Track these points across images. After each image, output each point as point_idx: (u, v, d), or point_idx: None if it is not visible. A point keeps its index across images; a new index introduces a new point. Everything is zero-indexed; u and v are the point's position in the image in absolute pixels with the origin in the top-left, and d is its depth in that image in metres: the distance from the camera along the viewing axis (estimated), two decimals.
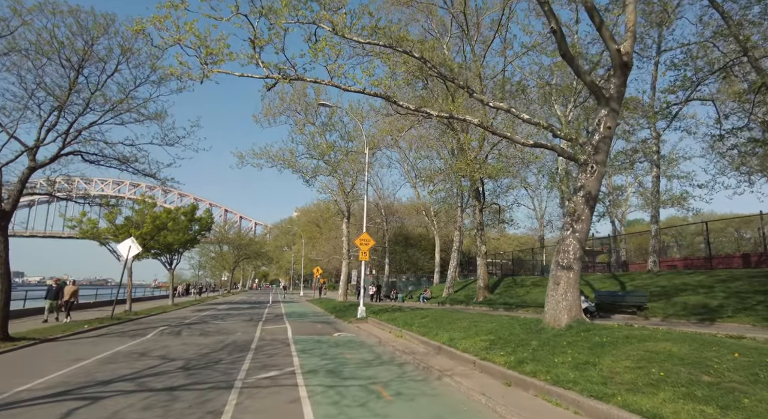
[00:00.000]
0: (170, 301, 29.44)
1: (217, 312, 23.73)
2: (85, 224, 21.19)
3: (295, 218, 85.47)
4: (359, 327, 16.30)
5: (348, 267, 31.33)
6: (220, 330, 14.76)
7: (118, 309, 20.55)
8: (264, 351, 10.31)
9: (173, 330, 14.46)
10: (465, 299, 26.93)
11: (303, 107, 31.43)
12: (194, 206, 30.71)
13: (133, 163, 14.36)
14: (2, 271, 10.81)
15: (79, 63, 11.66)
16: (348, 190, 32.13)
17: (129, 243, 18.63)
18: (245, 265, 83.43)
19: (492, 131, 9.55)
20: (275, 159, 31.98)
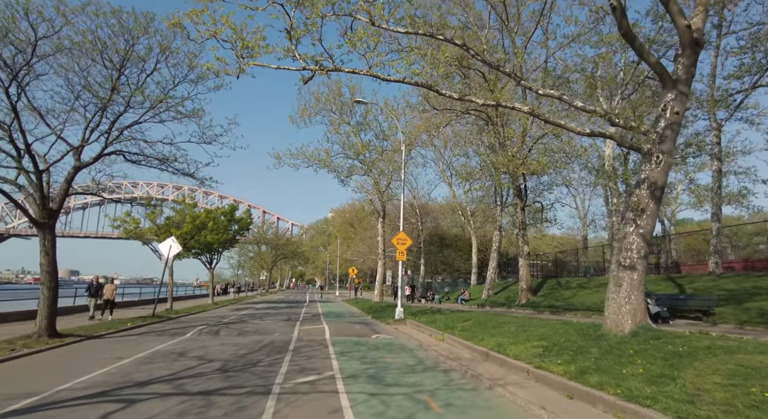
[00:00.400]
0: (210, 300, 29.96)
1: (255, 311, 23.84)
2: (128, 224, 21.76)
3: (330, 218, 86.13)
4: (397, 328, 15.79)
5: (384, 267, 30.93)
6: (258, 329, 14.64)
7: (160, 308, 20.96)
8: (302, 353, 9.98)
9: (212, 330, 14.44)
10: (506, 301, 25.92)
11: (338, 107, 31.26)
12: (233, 206, 31.14)
13: (173, 162, 14.45)
14: (50, 269, 11.01)
15: (120, 63, 11.76)
16: (383, 189, 31.74)
17: (170, 243, 18.91)
18: (283, 265, 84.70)
19: (544, 118, 8.81)
20: (311, 159, 32.00)
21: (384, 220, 31.53)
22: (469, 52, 10.15)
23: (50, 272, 10.96)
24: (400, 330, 15.46)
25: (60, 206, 11.46)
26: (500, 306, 24.20)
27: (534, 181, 32.57)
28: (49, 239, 11.00)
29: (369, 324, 17.40)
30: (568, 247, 57.52)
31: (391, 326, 16.66)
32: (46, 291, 10.82)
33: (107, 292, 17.17)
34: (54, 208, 11.27)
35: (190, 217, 21.65)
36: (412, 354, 10.22)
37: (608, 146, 29.11)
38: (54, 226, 11.27)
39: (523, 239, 25.02)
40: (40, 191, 10.86)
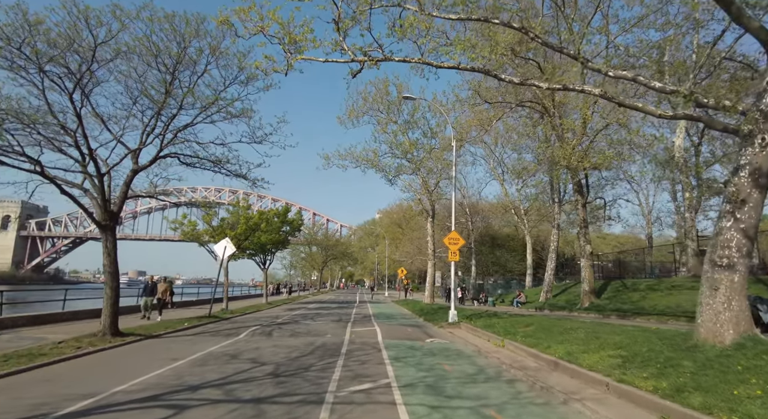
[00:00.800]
0: (264, 300, 30.56)
1: (307, 312, 23.92)
2: (186, 226, 22.52)
3: (378, 219, 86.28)
4: (452, 332, 15.08)
5: (434, 268, 30.18)
6: (310, 330, 14.46)
7: (216, 308, 21.47)
8: (355, 357, 9.57)
9: (265, 330, 14.42)
10: (566, 304, 24.39)
11: (385, 106, 30.89)
12: (287, 207, 31.62)
13: (225, 164, 14.60)
14: (111, 270, 11.34)
15: (173, 66, 11.94)
16: (432, 188, 30.99)
17: (224, 243, 19.27)
18: (333, 265, 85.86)
19: (618, 101, 7.83)
20: (359, 159, 31.84)
21: (433, 220, 30.78)
22: (528, 35, 9.32)
23: (112, 272, 11.28)
24: (455, 334, 14.74)
25: (120, 209, 11.81)
26: (561, 310, 22.77)
27: (595, 176, 30.60)
28: (110, 240, 11.33)
29: (421, 327, 16.80)
30: (628, 246, 53.99)
31: (445, 329, 15.96)
32: (108, 291, 11.15)
33: (160, 292, 17.20)
34: (114, 210, 11.61)
35: (244, 218, 22.07)
36: (471, 361, 9.52)
37: (678, 137, 26.72)
38: (115, 228, 11.62)
39: (585, 238, 23.42)
40: (101, 194, 11.21)
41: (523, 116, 30.60)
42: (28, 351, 8.87)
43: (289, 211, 31.87)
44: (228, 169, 14.75)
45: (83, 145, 10.87)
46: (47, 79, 10.18)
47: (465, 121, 23.74)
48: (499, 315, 17.79)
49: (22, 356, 8.37)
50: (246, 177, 15.13)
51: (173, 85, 12.12)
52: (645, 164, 23.10)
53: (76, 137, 10.80)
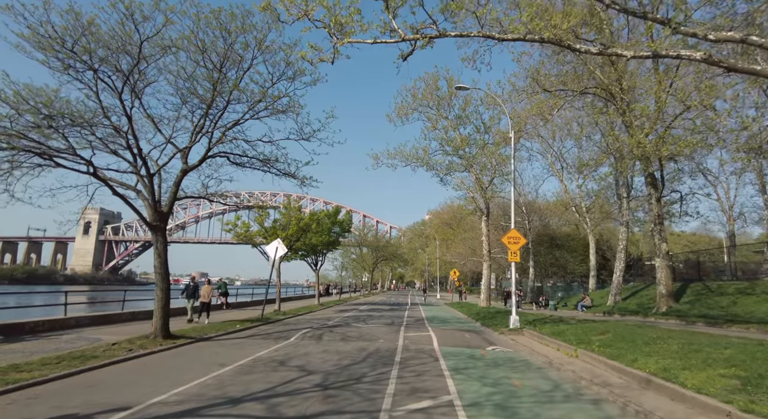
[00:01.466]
0: (316, 301, 30.45)
1: (358, 314, 23.38)
2: (239, 228, 22.69)
3: (428, 220, 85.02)
4: (515, 340, 13.82)
5: (489, 270, 28.69)
6: (361, 334, 13.78)
7: (269, 309, 21.42)
8: (410, 367, 8.72)
9: (315, 334, 13.91)
10: (639, 308, 22.17)
11: (435, 102, 29.88)
12: (337, 208, 31.40)
13: (274, 163, 14.30)
14: (162, 271, 11.24)
15: (221, 63, 11.70)
16: (486, 185, 29.53)
17: (276, 244, 19.12)
18: (383, 267, 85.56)
19: (727, 65, 6.41)
20: (409, 158, 31.05)
21: (488, 219, 29.31)
22: (604, 2, 8.05)
23: (162, 274, 11.17)
24: (519, 341, 13.49)
25: (170, 209, 11.72)
26: (633, 315, 20.68)
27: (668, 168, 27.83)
28: (161, 241, 11.24)
29: (480, 333, 15.65)
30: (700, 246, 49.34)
31: (506, 336, 14.72)
32: (159, 293, 11.04)
33: (203, 294, 16.31)
34: (165, 211, 11.53)
35: (295, 219, 21.91)
36: (543, 375, 8.37)
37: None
38: (165, 228, 11.53)
39: (660, 236, 21.14)
40: (151, 194, 11.15)
41: (586, 106, 28.50)
42: (82, 353, 8.80)
43: (339, 212, 31.63)
44: (277, 168, 14.45)
45: (133, 145, 10.83)
46: (99, 81, 10.18)
47: (522, 111, 22.19)
48: (565, 321, 16.27)
49: (75, 358, 8.26)
50: (295, 176, 14.75)
51: (221, 82, 11.88)
52: (734, 152, 20.38)
53: (127, 138, 10.78)
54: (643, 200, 39.45)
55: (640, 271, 49.46)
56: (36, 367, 7.41)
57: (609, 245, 54.30)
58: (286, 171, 14.54)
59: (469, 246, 49.91)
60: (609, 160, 39.05)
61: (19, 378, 6.61)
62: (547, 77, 20.06)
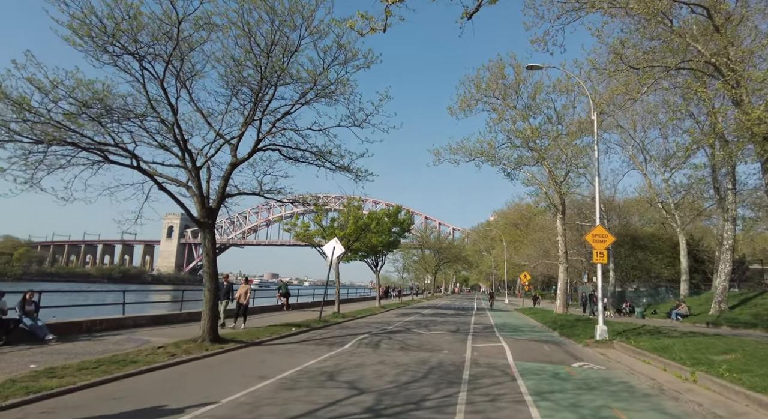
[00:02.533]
0: (377, 303, 29.47)
1: (421, 318, 21.98)
2: (299, 228, 22.23)
3: (493, 221, 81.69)
4: (604, 354, 11.71)
5: (566, 273, 26.01)
6: (423, 343, 12.37)
7: (328, 311, 20.68)
8: (482, 388, 7.21)
9: (373, 340, 12.71)
10: (756, 320, 18.68)
11: (501, 92, 27.77)
12: (397, 208, 30.22)
13: (328, 156, 13.39)
14: (210, 270, 10.63)
15: (267, 48, 10.91)
16: (560, 180, 26.89)
17: (333, 244, 18.29)
18: (446, 269, 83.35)
19: None
20: (473, 153, 29.16)
21: (564, 216, 26.64)
22: None
23: (211, 273, 10.56)
24: (610, 356, 11.38)
25: (219, 205, 11.12)
26: (751, 328, 17.38)
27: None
28: (209, 238, 10.64)
29: (560, 345, 13.62)
30: None
31: (593, 349, 12.61)
32: (207, 294, 10.43)
33: (240, 295, 14.15)
34: (213, 207, 10.93)
35: (353, 218, 21.01)
36: (655, 406, 6.50)
37: None
38: (213, 225, 10.94)
39: None
40: (198, 189, 10.58)
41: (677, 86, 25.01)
42: (125, 356, 8.27)
43: (400, 211, 30.43)
44: (331, 162, 13.53)
45: (180, 138, 10.31)
46: (145, 70, 9.73)
47: (605, 91, 19.56)
48: (665, 333, 13.77)
49: (114, 362, 7.70)
50: (349, 169, 13.74)
51: (269, 69, 11.10)
52: None
53: (174, 130, 10.28)
54: (747, 194, 34.35)
55: (743, 276, 43.39)
56: (71, 372, 6.86)
57: (701, 246, 48.41)
58: (340, 165, 13.57)
59: (542, 248, 46.58)
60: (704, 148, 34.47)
61: (45, 386, 6.02)
62: (633, 52, 17.45)
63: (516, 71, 26.69)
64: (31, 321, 9.52)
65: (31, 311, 9.70)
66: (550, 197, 27.28)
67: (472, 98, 28.57)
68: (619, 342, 12.67)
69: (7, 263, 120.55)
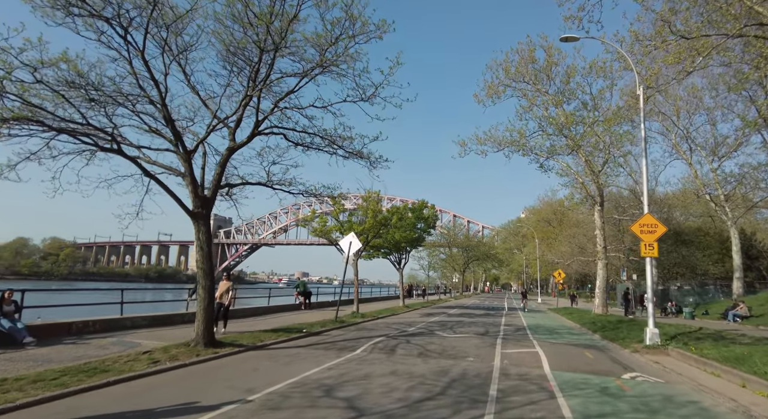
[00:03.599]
0: (401, 302, 28.11)
1: (446, 319, 20.50)
2: (317, 223, 21.15)
3: (524, 218, 78.98)
4: (659, 363, 9.96)
5: (606, 269, 23.90)
6: (445, 348, 10.94)
7: (347, 310, 19.50)
8: (513, 409, 5.76)
9: (388, 344, 11.37)
10: None
11: (532, 76, 25.89)
12: (422, 203, 28.74)
13: (340, 142, 12.18)
14: (205, 266, 9.56)
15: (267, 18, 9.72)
16: (599, 169, 24.77)
17: (350, 239, 17.08)
18: (475, 267, 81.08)
19: None
20: (502, 143, 27.36)
21: (602, 208, 24.52)
22: None
23: (206, 270, 9.48)
24: (665, 365, 9.64)
25: (214, 194, 10.04)
26: None
27: None
28: (203, 231, 9.57)
29: (604, 350, 11.91)
30: None
31: (643, 356, 10.86)
32: (201, 292, 9.36)
33: (219, 294, 11.79)
34: (207, 195, 9.86)
35: (372, 212, 19.70)
36: None
37: None
38: (208, 216, 9.87)
39: None
40: (191, 176, 9.52)
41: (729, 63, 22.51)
42: (99, 364, 7.26)
43: (424, 207, 28.90)
44: (343, 148, 12.31)
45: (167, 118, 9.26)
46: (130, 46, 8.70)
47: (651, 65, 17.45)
48: (730, 338, 11.83)
49: (82, 372, 6.68)
50: (362, 155, 12.49)
51: (267, 42, 9.92)
52: None
53: (161, 110, 9.23)
54: None
55: None
56: (22, 385, 5.84)
57: (754, 241, 44.83)
58: (351, 150, 12.34)
59: (576, 244, 44.06)
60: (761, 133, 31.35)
61: None
62: (686, 20, 15.40)
63: (548, 53, 24.78)
64: (9, 323, 8.68)
65: (10, 311, 8.87)
66: (586, 187, 25.19)
67: (500, 84, 26.73)
68: (675, 349, 10.87)
69: (54, 263, 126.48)
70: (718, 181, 35.64)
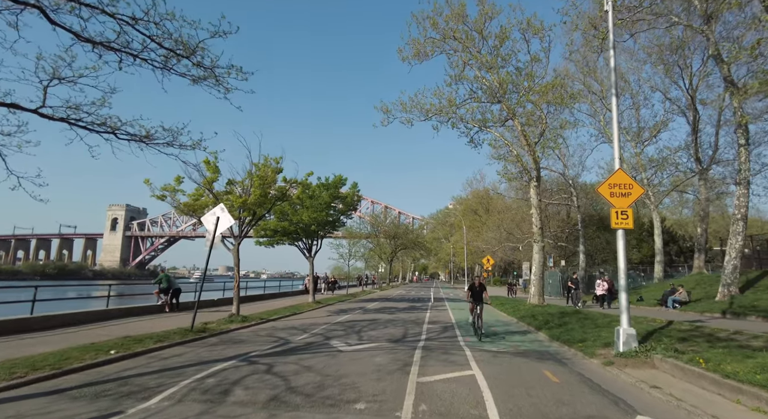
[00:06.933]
0: (310, 298, 23.42)
1: (359, 317, 16.27)
2: (186, 196, 15.54)
3: (452, 208, 77.98)
4: (658, 386, 6.30)
5: (542, 253, 21.02)
6: (324, 380, 6.49)
7: (227, 313, 14.49)
8: None
9: (231, 376, 6.69)
10: None
11: (463, 34, 22.27)
12: (339, 178, 24.03)
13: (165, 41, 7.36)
14: None
15: None
16: (536, 139, 21.80)
17: (217, 213, 12.15)
18: (403, 257, 78.55)
19: None
20: (429, 111, 23.68)
21: (539, 184, 21.61)
22: None
23: None
24: (670, 390, 6.00)
25: None
26: None
27: None
28: None
29: (564, 363, 8.17)
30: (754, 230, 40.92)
31: (624, 371, 7.22)
32: None
33: None
34: None
35: (258, 179, 14.70)
36: None
37: None
38: None
39: None
40: None
41: None
42: None
43: (343, 183, 24.27)
44: (176, 53, 7.51)
45: None
46: None
47: None
48: (725, 338, 8.66)
49: None
50: (202, 65, 7.76)
51: None
52: None
53: None
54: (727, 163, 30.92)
55: (689, 258, 40.93)
56: None
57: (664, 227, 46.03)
58: (182, 55, 7.55)
59: (504, 229, 42.03)
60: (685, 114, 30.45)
61: None
62: None
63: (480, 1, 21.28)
64: None
65: None
66: (521, 159, 22.14)
67: (427, 42, 22.97)
68: (664, 359, 7.38)
69: None
70: (642, 165, 35.08)
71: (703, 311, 17.19)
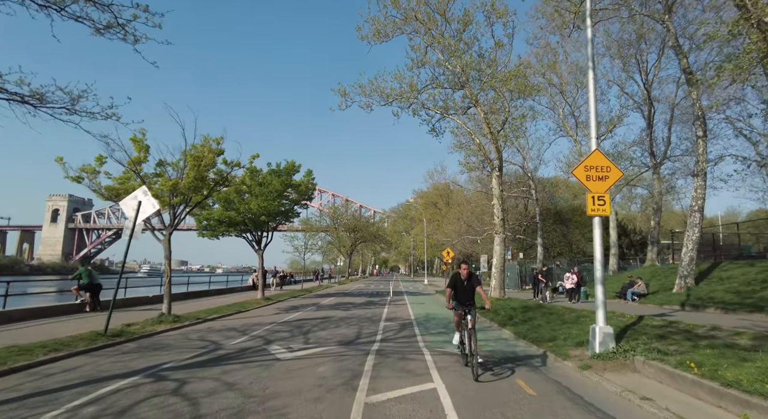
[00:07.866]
0: (259, 294, 21.70)
1: (310, 315, 14.86)
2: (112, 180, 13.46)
3: (413, 201, 77.50)
4: (649, 397, 5.35)
5: (504, 244, 20.32)
6: (246, 402, 5.11)
7: (156, 312, 12.64)
8: None
9: (118, 405, 5.14)
10: (740, 298, 14.13)
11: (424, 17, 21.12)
12: (292, 164, 22.24)
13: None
14: None
15: None
16: (498, 128, 21.02)
17: (138, 196, 10.35)
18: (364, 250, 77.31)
19: None
20: (390, 96, 22.48)
21: (501, 174, 20.85)
22: None
23: None
24: (651, 396, 5.05)
25: None
26: (755, 311, 12.47)
27: None
28: None
29: (537, 369, 7.13)
30: None
31: (604, 377, 6.27)
32: None
33: None
34: None
35: (193, 160, 12.88)
36: None
37: None
38: None
39: None
40: None
41: None
42: None
43: (296, 170, 22.52)
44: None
45: None
46: None
47: None
48: (706, 335, 7.94)
49: None
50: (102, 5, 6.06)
51: None
52: None
53: None
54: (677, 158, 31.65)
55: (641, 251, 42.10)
56: None
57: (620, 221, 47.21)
58: None
59: (464, 221, 41.57)
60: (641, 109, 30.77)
61: None
62: None
63: None
64: None
65: None
66: (484, 148, 21.31)
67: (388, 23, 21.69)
68: (647, 362, 6.50)
69: None
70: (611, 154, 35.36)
71: (662, 304, 16.97)
